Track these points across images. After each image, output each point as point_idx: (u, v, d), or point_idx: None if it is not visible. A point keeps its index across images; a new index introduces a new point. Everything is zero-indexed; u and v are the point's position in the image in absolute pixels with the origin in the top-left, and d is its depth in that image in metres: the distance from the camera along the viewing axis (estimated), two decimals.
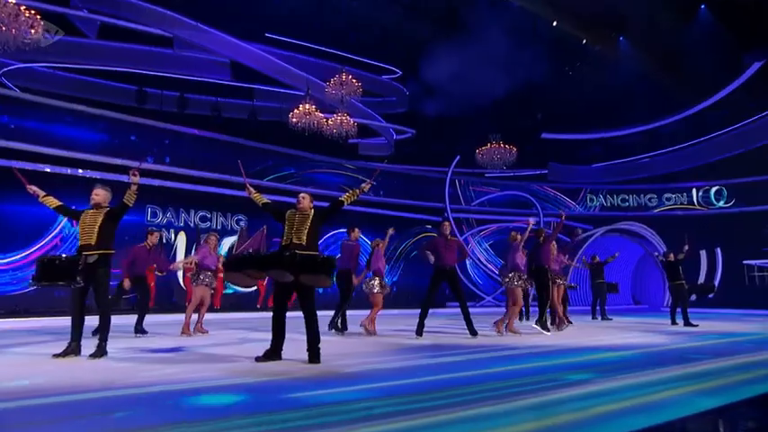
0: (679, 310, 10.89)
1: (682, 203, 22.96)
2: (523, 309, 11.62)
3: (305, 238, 5.90)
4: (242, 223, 17.58)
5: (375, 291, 8.69)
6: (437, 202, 22.43)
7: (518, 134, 22.92)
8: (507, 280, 8.65)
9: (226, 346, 7.50)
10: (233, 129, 17.45)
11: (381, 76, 20.84)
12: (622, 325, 11.23)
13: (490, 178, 24.00)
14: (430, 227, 22.54)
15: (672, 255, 11.21)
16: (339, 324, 8.86)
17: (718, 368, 5.38)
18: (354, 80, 14.53)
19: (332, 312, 9.20)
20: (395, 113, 21.15)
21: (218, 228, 17.95)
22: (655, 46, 20.13)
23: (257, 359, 5.76)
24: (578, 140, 24.05)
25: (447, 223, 8.94)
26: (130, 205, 6.41)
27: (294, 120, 14.43)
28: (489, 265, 22.33)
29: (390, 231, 9.35)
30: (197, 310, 8.77)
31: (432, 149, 22.35)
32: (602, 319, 13.09)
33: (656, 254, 12.10)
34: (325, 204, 6.53)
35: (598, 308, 13.56)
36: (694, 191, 22.66)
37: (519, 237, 8.94)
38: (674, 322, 10.59)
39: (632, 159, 23.74)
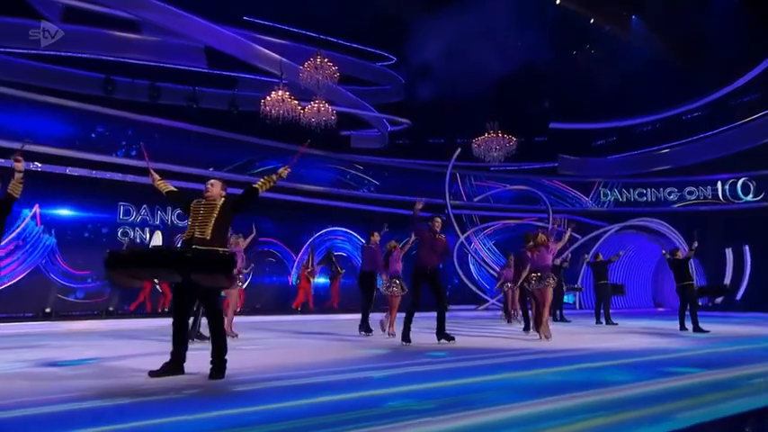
0: (688, 313, 10.08)
1: (705, 198, 21.62)
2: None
3: (209, 231, 5.05)
4: None
5: (391, 293, 8.83)
6: (437, 197, 21.37)
7: (524, 124, 21.92)
8: (534, 281, 8.61)
9: (148, 356, 6.63)
10: (212, 120, 16.72)
11: (374, 63, 19.92)
12: (626, 330, 10.44)
13: (495, 172, 22.94)
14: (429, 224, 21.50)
15: (679, 252, 10.38)
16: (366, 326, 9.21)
17: (694, 384, 4.57)
18: (330, 63, 13.65)
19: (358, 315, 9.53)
20: (390, 103, 20.20)
21: None
22: (672, 25, 18.85)
23: (151, 374, 4.92)
24: (590, 130, 22.95)
25: (438, 219, 8.73)
26: (17, 196, 5.65)
27: (267, 108, 13.62)
28: (496, 267, 21.17)
29: (385, 228, 9.76)
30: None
31: (430, 141, 21.40)
32: (607, 323, 12.03)
33: (664, 251, 10.97)
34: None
35: (603, 311, 12.46)
36: (719, 184, 21.35)
37: (548, 238, 8.95)
38: (683, 327, 9.84)
39: (650, 150, 22.46)
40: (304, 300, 17.15)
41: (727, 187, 21.25)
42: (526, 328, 9.75)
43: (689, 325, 9.82)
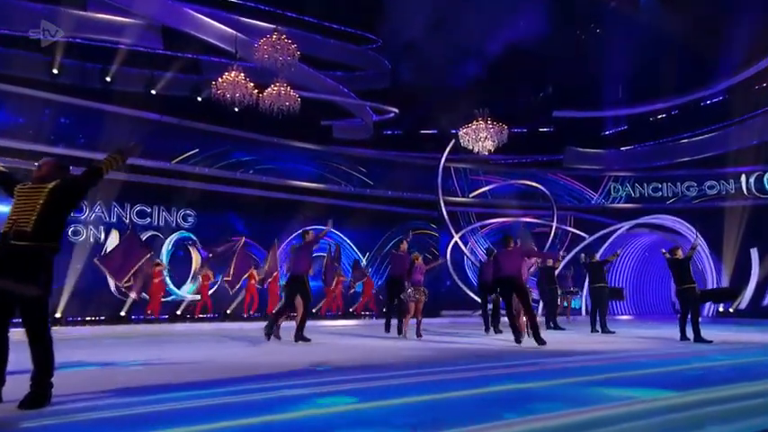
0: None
1: (728, 192, 20.19)
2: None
3: (32, 222, 3.93)
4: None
5: (413, 299, 9.67)
6: (428, 193, 20.09)
7: (525, 112, 20.60)
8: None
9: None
10: (175, 107, 15.60)
11: (359, 47, 18.66)
12: (621, 339, 9.68)
13: (495, 166, 21.61)
14: (419, 223, 20.23)
15: (679, 251, 9.40)
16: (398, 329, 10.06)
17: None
18: (289, 41, 12.43)
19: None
20: (375, 90, 18.95)
21: (161, 225, 16.12)
22: None
23: None
24: (598, 118, 21.64)
25: (405, 243, 10.40)
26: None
27: (219, 91, 12.44)
28: None
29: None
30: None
31: (422, 132, 20.09)
32: (603, 332, 10.92)
33: (663, 251, 9.96)
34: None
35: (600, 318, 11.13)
36: (743, 177, 19.91)
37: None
38: (684, 336, 8.95)
39: (666, 140, 21.16)
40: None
41: (752, 180, 19.81)
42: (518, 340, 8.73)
43: (691, 334, 8.85)
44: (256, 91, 12.98)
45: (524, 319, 8.89)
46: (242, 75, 12.69)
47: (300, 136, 17.87)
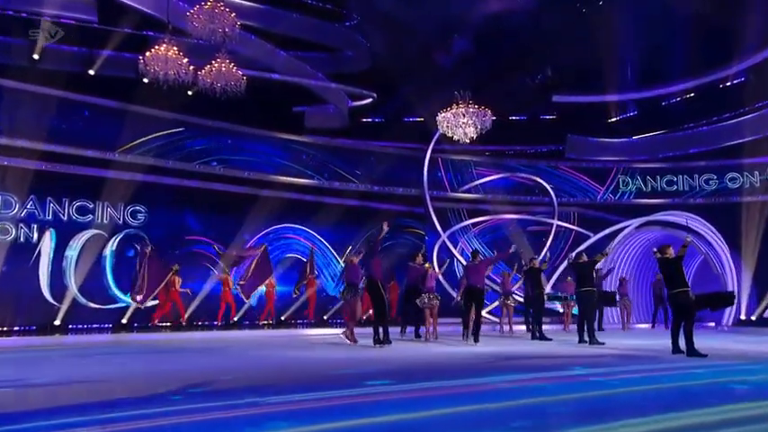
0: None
1: (753, 186, 18.55)
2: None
3: None
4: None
5: (426, 306, 11.16)
6: (413, 187, 18.54)
7: (522, 97, 18.92)
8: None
9: None
10: (119, 90, 14.21)
11: (332, 24, 17.13)
12: (608, 351, 9.00)
13: (489, 157, 20.03)
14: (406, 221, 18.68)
15: (670, 250, 8.62)
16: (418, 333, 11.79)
17: None
18: (228, 10, 10.96)
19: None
20: (352, 73, 17.42)
21: (106, 222, 14.74)
22: None
23: None
24: (605, 104, 19.88)
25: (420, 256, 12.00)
26: None
27: (147, 67, 11.00)
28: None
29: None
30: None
31: (404, 120, 18.54)
32: (591, 342, 9.96)
33: (654, 250, 9.16)
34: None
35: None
36: None
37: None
38: (676, 348, 8.24)
39: (681, 128, 19.48)
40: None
41: None
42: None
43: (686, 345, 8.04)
44: (192, 68, 11.50)
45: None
46: (175, 49, 11.22)
47: (267, 124, 16.41)
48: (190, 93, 13.89)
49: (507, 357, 8.42)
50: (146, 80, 11.46)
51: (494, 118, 14.08)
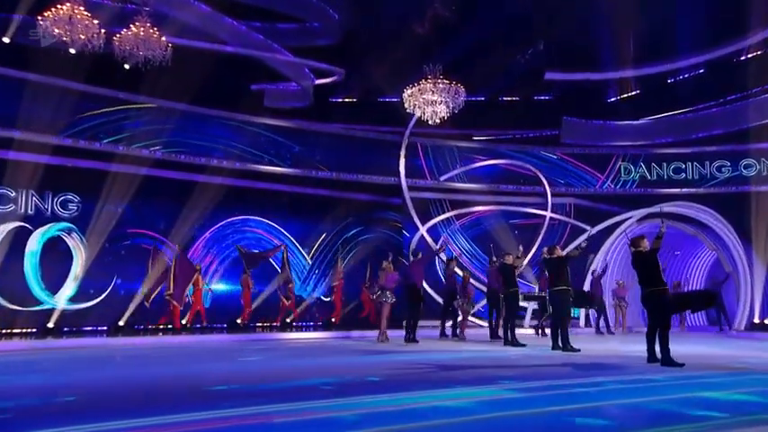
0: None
1: None
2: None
3: None
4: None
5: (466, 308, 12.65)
6: (389, 175, 17.13)
7: (512, 74, 17.66)
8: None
9: None
10: (44, 62, 12.81)
11: None
12: (581, 359, 8.28)
13: (478, 141, 18.73)
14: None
15: (644, 242, 7.76)
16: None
17: None
18: None
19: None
20: (318, 47, 16.02)
21: (31, 213, 13.44)
22: None
23: None
24: (604, 81, 18.61)
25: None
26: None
27: (48, 31, 9.60)
28: (476, 271, 16.68)
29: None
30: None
31: (380, 100, 17.13)
32: (565, 349, 9.19)
33: (627, 241, 8.37)
34: None
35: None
36: None
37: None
38: (652, 356, 7.51)
39: (690, 109, 18.31)
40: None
41: None
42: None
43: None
44: (103, 31, 10.12)
45: None
46: (81, 9, 9.85)
47: (221, 103, 15.04)
48: (127, 66, 12.55)
49: (446, 367, 7.55)
50: (46, 45, 10.07)
51: (465, 96, 12.68)
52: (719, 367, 7.27)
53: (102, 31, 10.16)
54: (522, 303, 13.35)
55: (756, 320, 14.94)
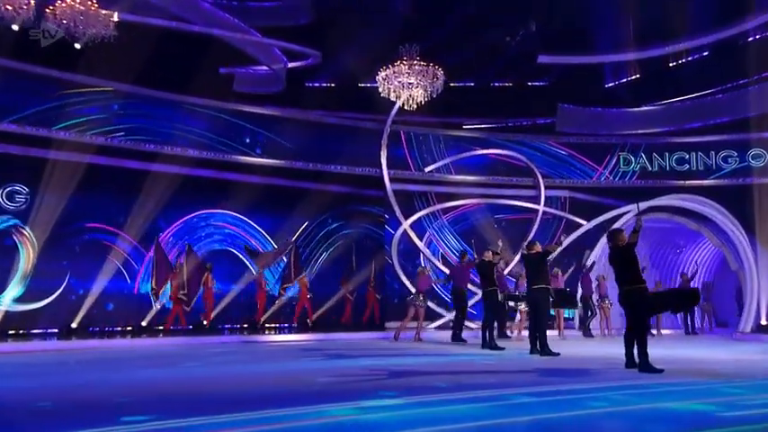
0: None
1: None
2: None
3: None
4: None
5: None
6: (370, 166, 16.25)
7: (501, 55, 16.74)
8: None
9: None
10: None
11: None
12: (550, 365, 7.91)
13: (467, 130, 17.92)
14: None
15: (622, 235, 7.43)
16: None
17: None
18: None
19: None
20: (291, 27, 15.16)
21: None
22: None
23: None
24: (602, 66, 17.95)
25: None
26: None
27: None
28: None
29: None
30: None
31: (360, 85, 16.28)
32: (543, 353, 8.70)
33: (605, 232, 8.29)
34: None
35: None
36: None
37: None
38: (630, 361, 7.13)
39: (695, 96, 17.62)
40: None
41: None
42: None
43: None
44: (32, 1, 9.26)
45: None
46: None
47: (186, 87, 14.18)
48: (78, 46, 11.71)
49: (396, 373, 7.03)
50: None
51: (445, 80, 11.81)
52: (700, 374, 6.80)
53: (32, 1, 9.28)
54: (510, 304, 12.76)
55: (764, 322, 14.11)
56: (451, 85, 18.55)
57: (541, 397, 5.16)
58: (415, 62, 11.81)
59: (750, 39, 16.04)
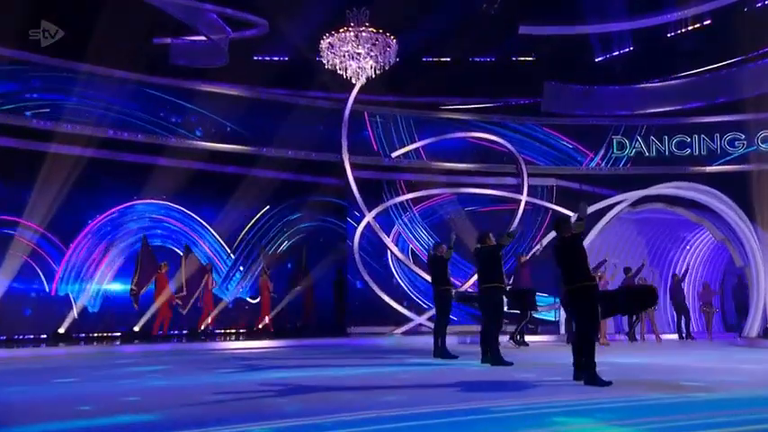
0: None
1: None
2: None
3: None
4: None
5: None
6: (331, 151, 14.95)
7: (481, 30, 15.67)
8: None
9: None
10: None
11: None
12: (494, 376, 7.35)
13: (444, 110, 17.14)
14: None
15: (569, 224, 6.80)
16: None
17: None
18: None
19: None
20: None
21: None
22: None
23: None
24: (591, 37, 16.92)
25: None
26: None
27: None
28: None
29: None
30: None
31: (319, 60, 14.97)
32: (494, 363, 8.11)
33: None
34: None
35: None
36: None
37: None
38: (579, 373, 6.54)
39: (695, 73, 16.82)
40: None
41: None
42: None
43: None
44: None
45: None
46: None
47: (113, 60, 12.83)
48: None
49: (288, 390, 6.29)
50: None
51: (398, 48, 10.69)
52: (654, 387, 6.18)
53: None
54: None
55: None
56: (424, 60, 17.39)
57: (416, 420, 4.41)
58: (364, 29, 10.41)
59: (759, 4, 14.80)
